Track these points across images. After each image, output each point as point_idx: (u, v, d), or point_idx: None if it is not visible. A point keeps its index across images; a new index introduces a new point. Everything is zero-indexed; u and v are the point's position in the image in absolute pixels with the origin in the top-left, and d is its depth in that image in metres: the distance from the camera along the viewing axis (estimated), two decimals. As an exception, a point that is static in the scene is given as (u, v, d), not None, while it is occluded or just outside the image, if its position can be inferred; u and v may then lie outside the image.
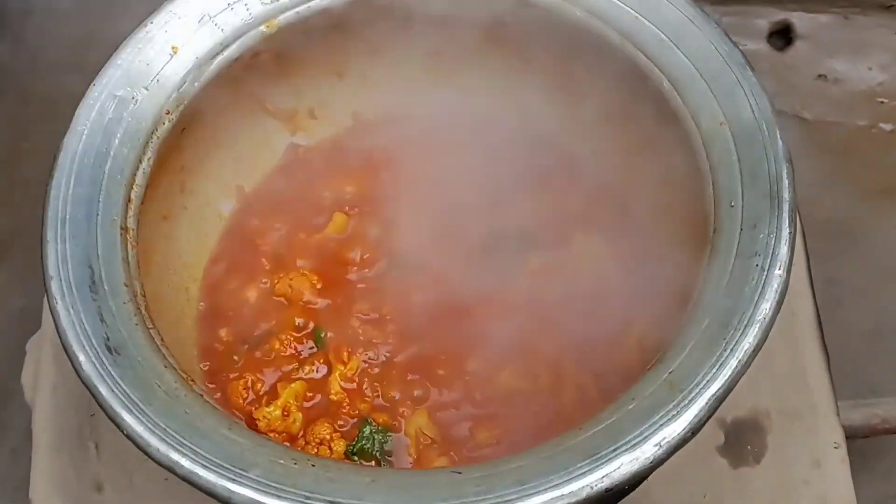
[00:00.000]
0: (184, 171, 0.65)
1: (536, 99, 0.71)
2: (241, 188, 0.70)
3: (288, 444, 0.60)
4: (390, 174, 0.72)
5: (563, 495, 0.40)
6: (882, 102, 1.30)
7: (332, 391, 0.61)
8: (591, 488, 0.41)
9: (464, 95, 0.74)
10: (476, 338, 0.63)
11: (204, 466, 0.42)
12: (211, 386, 0.62)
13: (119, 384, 0.44)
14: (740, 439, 0.64)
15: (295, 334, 0.64)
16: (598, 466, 0.41)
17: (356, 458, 0.59)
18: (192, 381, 0.47)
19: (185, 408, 0.45)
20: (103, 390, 0.44)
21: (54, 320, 0.46)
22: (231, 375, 0.62)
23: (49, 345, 0.68)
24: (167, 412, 0.44)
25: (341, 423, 0.60)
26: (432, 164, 0.72)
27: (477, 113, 0.73)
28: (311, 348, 0.64)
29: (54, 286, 0.47)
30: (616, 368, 0.61)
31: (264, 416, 0.60)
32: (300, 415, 0.61)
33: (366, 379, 0.62)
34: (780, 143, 0.50)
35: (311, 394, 0.62)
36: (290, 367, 0.63)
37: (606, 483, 0.41)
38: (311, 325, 0.64)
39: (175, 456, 0.42)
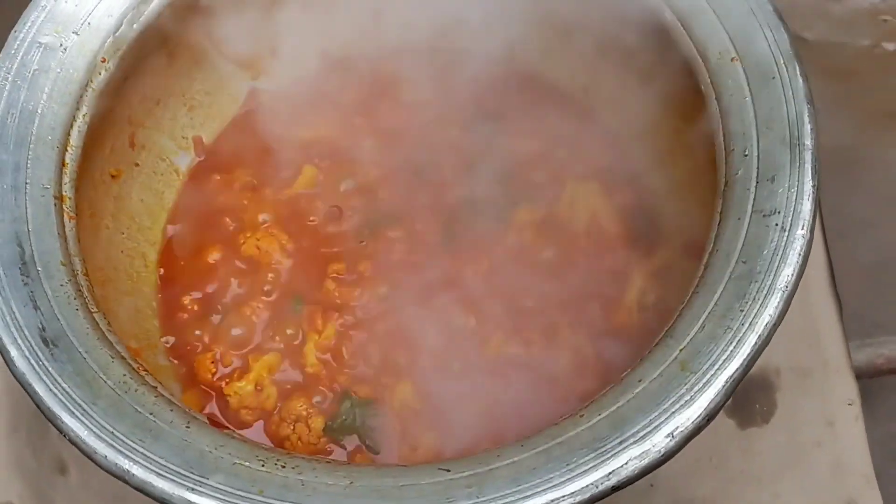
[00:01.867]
0: (132, 124, 0.58)
1: (523, 31, 0.64)
2: (199, 140, 0.64)
3: (262, 420, 0.55)
4: (363, 119, 0.66)
5: (563, 496, 0.36)
6: (885, 20, 1.23)
7: (308, 363, 0.56)
8: (596, 487, 0.36)
9: (442, 28, 0.67)
10: (463, 300, 0.58)
11: (159, 475, 0.37)
12: (175, 362, 0.56)
13: (57, 381, 0.39)
14: (748, 398, 0.60)
15: (265, 299, 0.59)
16: (603, 462, 0.36)
17: (336, 434, 0.55)
18: (145, 370, 0.42)
19: (135, 405, 0.39)
20: (39, 389, 0.39)
21: (-22, 308, 0.40)
22: (197, 348, 0.57)
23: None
24: (115, 411, 0.39)
25: (319, 398, 0.56)
26: (410, 106, 0.66)
27: (457, 48, 0.66)
28: (285, 314, 0.58)
29: (-24, 269, 0.41)
30: (614, 329, 0.56)
31: (235, 392, 0.56)
32: (274, 389, 0.56)
33: (344, 347, 0.57)
34: (800, 80, 0.44)
35: (283, 366, 0.57)
36: (261, 336, 0.57)
37: (613, 481, 0.36)
38: (283, 288, 0.59)
39: (125, 463, 0.37)
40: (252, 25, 0.62)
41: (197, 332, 0.58)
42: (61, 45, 0.48)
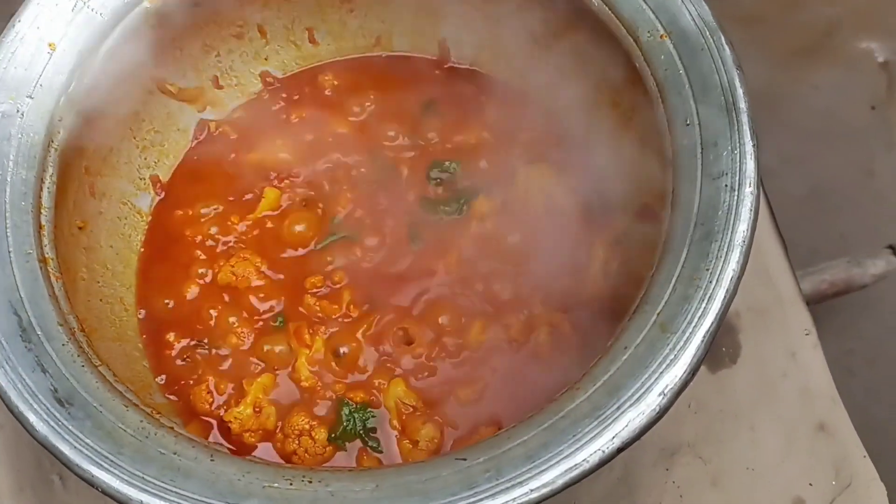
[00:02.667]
0: (90, 173, 0.59)
1: (454, 27, 0.67)
2: (157, 178, 0.65)
3: (266, 441, 0.57)
4: (313, 133, 0.67)
5: (575, 465, 0.39)
6: (783, -40, 1.29)
7: (302, 377, 0.58)
8: (603, 452, 0.39)
9: (373, 34, 0.69)
10: (438, 296, 0.60)
11: (195, 510, 0.39)
12: (171, 398, 0.58)
13: (80, 438, 0.40)
14: (714, 342, 0.64)
15: (249, 323, 0.60)
16: (605, 428, 0.40)
17: (339, 441, 0.57)
18: (159, 413, 0.43)
19: (159, 448, 0.41)
20: (65, 449, 0.40)
21: (-10, 381, 0.42)
22: (190, 381, 0.59)
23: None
24: (141, 457, 0.40)
25: (317, 409, 0.58)
26: (355, 113, 0.68)
27: (392, 49, 0.69)
28: (270, 334, 0.60)
29: (-21, 344, 0.42)
30: (585, 301, 0.59)
31: (236, 418, 0.57)
32: (273, 409, 0.58)
33: (334, 357, 0.59)
34: (727, 49, 0.47)
35: (278, 385, 0.59)
36: (251, 360, 0.59)
37: (617, 443, 0.39)
38: (265, 310, 0.61)
39: (161, 505, 0.39)
40: (192, 60, 0.64)
41: (187, 366, 0.59)
42: (17, 110, 0.48)
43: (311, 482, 0.41)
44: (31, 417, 0.41)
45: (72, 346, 0.44)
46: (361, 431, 0.57)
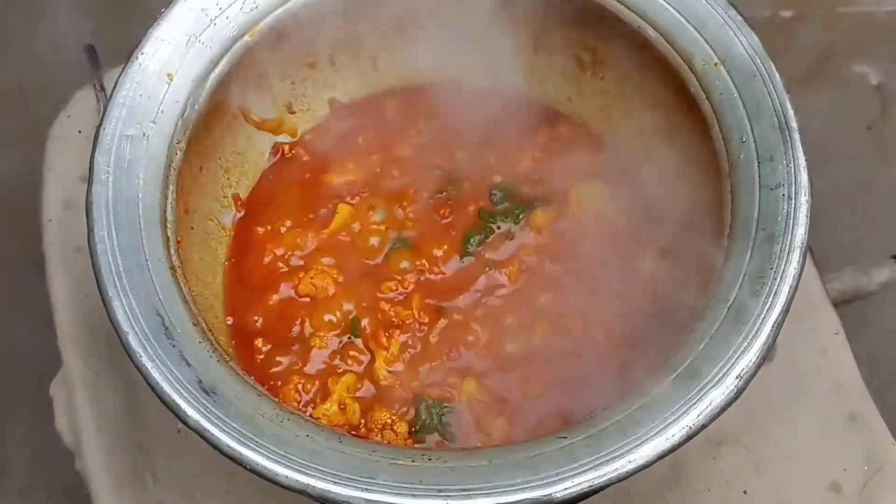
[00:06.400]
0: (183, 192, 0.64)
1: (507, 57, 0.73)
2: (237, 196, 0.70)
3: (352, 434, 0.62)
4: (378, 154, 0.73)
5: (667, 439, 0.45)
6: (780, -10, 1.37)
7: (381, 377, 0.64)
8: (691, 427, 0.45)
9: (433, 64, 0.75)
10: (503, 301, 0.66)
11: (336, 483, 0.44)
12: (263, 397, 0.62)
13: (228, 423, 0.45)
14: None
15: (331, 329, 0.65)
16: (691, 406, 0.45)
17: (419, 434, 0.62)
18: (284, 402, 0.49)
19: (294, 431, 0.46)
20: (216, 432, 0.45)
21: (142, 374, 0.46)
22: (279, 383, 0.64)
23: (81, 388, 0.67)
24: (280, 440, 0.45)
25: (396, 405, 0.63)
26: (415, 136, 0.74)
27: (450, 77, 0.75)
28: (349, 339, 0.65)
29: (132, 341, 0.47)
30: (636, 304, 0.65)
31: (324, 414, 0.62)
32: (356, 405, 0.63)
33: (407, 358, 0.64)
34: (777, 75, 0.54)
35: (360, 384, 0.64)
36: (334, 362, 0.64)
37: (703, 420, 0.45)
38: (343, 316, 0.66)
39: (306, 479, 0.44)
40: (270, 87, 0.69)
41: (275, 370, 0.64)
42: (144, 134, 0.54)
43: (430, 459, 0.46)
44: (184, 405, 0.46)
45: (206, 343, 0.49)
46: (438, 425, 0.62)
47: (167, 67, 0.56)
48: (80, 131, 0.77)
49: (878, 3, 1.36)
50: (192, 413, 0.45)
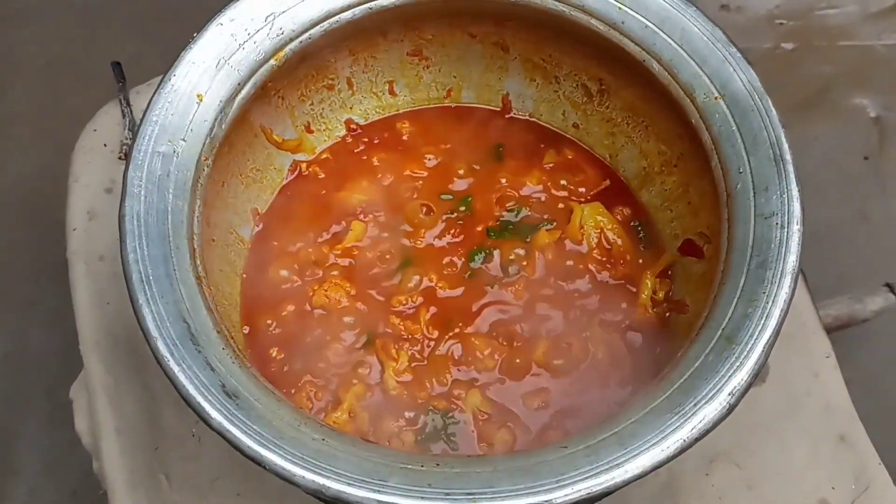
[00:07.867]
0: (206, 206, 0.67)
1: (516, 83, 0.76)
2: (256, 211, 0.73)
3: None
4: (392, 173, 0.76)
5: (662, 450, 0.47)
6: (781, 24, 1.41)
7: (390, 387, 0.66)
8: (685, 440, 0.48)
9: (445, 87, 0.78)
10: (509, 317, 0.69)
11: (349, 485, 0.47)
12: (277, 404, 0.65)
13: (249, 425, 0.48)
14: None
15: (342, 341, 0.68)
16: (685, 421, 0.48)
17: (425, 443, 0.65)
18: (301, 408, 0.51)
19: (311, 434, 0.49)
20: (237, 433, 0.48)
21: (169, 377, 0.49)
22: (292, 390, 0.66)
23: (101, 392, 0.70)
24: (298, 443, 0.48)
25: (404, 415, 0.66)
26: (428, 157, 0.77)
27: (460, 101, 0.78)
28: (360, 349, 0.68)
29: (161, 346, 0.50)
30: (636, 324, 0.68)
31: (334, 421, 0.65)
32: (366, 415, 0.65)
33: (415, 370, 0.67)
34: (773, 110, 0.57)
35: (369, 394, 0.67)
36: (345, 371, 0.67)
37: (696, 434, 0.48)
38: (355, 328, 0.69)
39: (322, 480, 0.47)
40: (290, 108, 0.73)
41: (288, 376, 0.67)
42: (174, 151, 0.57)
43: (438, 465, 0.49)
44: (207, 408, 0.48)
45: (229, 350, 0.52)
46: (444, 435, 0.65)
47: (197, 88, 0.59)
48: (105, 144, 0.80)
49: (878, 37, 1.40)
50: (215, 415, 0.48)
